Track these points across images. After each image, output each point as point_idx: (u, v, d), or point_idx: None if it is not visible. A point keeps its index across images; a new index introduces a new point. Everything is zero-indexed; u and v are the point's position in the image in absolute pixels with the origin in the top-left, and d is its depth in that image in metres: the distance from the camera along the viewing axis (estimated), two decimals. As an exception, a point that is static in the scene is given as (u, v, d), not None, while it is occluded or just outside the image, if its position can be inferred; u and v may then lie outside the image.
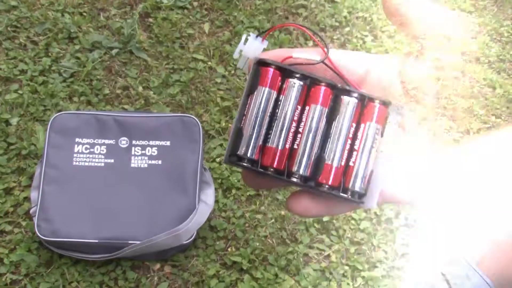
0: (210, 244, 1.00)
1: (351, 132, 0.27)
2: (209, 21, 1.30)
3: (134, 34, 1.23)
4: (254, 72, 0.27)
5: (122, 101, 1.15)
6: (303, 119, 0.27)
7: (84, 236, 0.92)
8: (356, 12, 1.36)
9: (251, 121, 0.27)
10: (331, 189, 0.27)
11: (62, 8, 1.26)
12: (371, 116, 0.27)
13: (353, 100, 0.27)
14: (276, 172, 0.27)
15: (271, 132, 0.27)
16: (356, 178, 0.27)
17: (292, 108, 0.27)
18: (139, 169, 0.97)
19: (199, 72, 1.20)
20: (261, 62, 0.27)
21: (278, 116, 0.27)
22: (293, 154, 0.27)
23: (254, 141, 0.27)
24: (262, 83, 0.27)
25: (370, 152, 0.27)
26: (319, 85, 0.27)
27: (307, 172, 0.27)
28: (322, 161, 0.27)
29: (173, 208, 0.94)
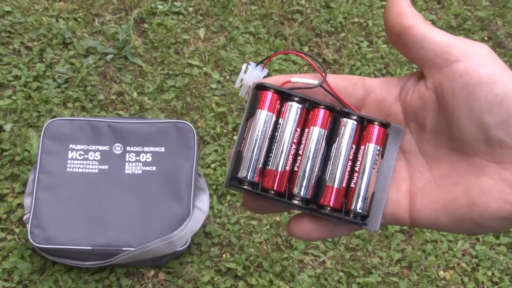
0: (204, 250, 1.00)
1: (351, 153, 0.28)
2: (204, 27, 1.30)
3: (129, 39, 1.23)
4: (253, 96, 0.27)
5: (116, 107, 1.15)
6: (303, 141, 0.27)
7: (77, 243, 0.92)
8: (351, 17, 1.37)
9: (251, 144, 0.27)
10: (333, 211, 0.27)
11: (56, 14, 1.27)
12: (370, 137, 0.28)
13: (352, 122, 0.28)
14: (277, 195, 0.27)
15: (271, 155, 0.27)
16: (358, 200, 0.27)
17: (292, 130, 0.27)
18: (133, 175, 0.98)
19: (194, 77, 1.20)
20: (259, 86, 0.27)
21: (278, 138, 0.27)
22: (294, 176, 0.27)
23: (254, 164, 0.27)
24: (261, 106, 0.27)
25: (370, 173, 0.27)
26: (318, 108, 0.28)
27: (308, 194, 0.27)
28: (323, 183, 0.27)
29: (168, 215, 0.95)
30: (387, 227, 1.06)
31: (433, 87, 0.26)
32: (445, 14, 1.42)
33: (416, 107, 0.27)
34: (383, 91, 0.28)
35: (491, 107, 0.24)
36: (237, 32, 1.29)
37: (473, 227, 0.25)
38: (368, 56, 1.29)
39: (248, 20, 1.32)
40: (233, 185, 0.27)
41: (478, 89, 0.24)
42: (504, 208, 0.24)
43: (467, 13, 1.44)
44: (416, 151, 0.28)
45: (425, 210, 0.26)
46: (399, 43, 0.26)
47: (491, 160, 0.25)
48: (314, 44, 1.31)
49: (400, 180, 0.28)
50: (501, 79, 0.24)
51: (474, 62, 0.24)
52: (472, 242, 1.08)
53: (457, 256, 1.06)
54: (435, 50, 0.25)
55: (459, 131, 0.25)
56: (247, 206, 0.28)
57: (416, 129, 0.27)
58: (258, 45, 1.27)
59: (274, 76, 0.28)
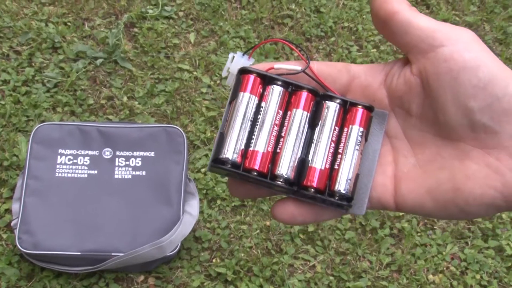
0: (194, 255, 1.00)
1: (334, 135, 0.28)
2: (195, 31, 1.31)
3: (119, 44, 1.24)
4: (236, 81, 0.28)
5: (106, 111, 1.15)
6: (285, 123, 0.28)
7: (66, 248, 0.92)
8: (341, 22, 1.39)
9: (233, 126, 0.27)
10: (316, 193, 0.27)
11: (46, 18, 1.27)
12: (354, 120, 0.28)
13: (335, 104, 0.28)
14: (260, 176, 0.27)
15: (253, 136, 0.27)
16: (341, 181, 0.27)
17: (274, 112, 0.28)
18: (123, 180, 0.98)
19: (185, 82, 1.21)
20: (242, 70, 0.28)
21: (260, 120, 0.28)
22: (276, 158, 0.27)
23: (236, 145, 0.27)
24: (243, 89, 0.28)
25: (354, 155, 0.27)
26: (300, 91, 0.28)
27: (291, 175, 0.27)
28: (306, 164, 0.27)
29: (157, 219, 0.95)
30: (377, 231, 1.07)
31: (418, 72, 0.26)
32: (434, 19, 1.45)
33: (401, 92, 0.27)
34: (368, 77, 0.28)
35: (475, 92, 0.24)
36: (227, 37, 1.30)
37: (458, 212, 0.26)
38: (358, 61, 1.31)
39: (238, 24, 1.33)
40: (216, 166, 0.27)
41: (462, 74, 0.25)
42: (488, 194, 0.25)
43: (455, 18, 1.46)
44: (401, 136, 0.28)
45: (410, 194, 0.26)
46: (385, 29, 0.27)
47: (476, 145, 0.25)
48: (305, 48, 1.33)
49: (386, 164, 0.28)
50: (485, 64, 0.24)
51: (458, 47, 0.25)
52: (461, 245, 1.10)
53: (446, 260, 1.08)
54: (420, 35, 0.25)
55: (444, 116, 0.26)
56: (231, 190, 0.29)
57: (402, 114, 0.28)
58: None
59: (259, 64, 0.29)
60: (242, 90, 0.28)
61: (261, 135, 0.27)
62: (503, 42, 1.43)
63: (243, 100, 0.28)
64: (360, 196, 0.27)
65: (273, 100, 0.28)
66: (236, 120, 0.27)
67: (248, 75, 0.28)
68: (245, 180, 0.27)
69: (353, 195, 0.27)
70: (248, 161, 0.27)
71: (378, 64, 0.29)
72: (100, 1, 1.32)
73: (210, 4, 1.35)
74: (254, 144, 0.27)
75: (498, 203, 0.25)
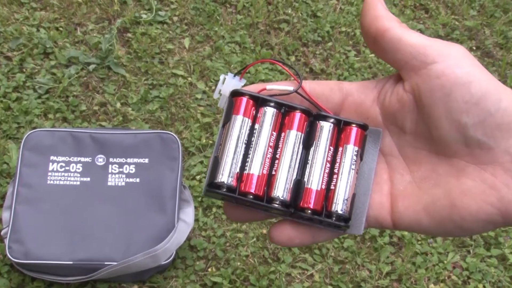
0: (189, 264, 1.02)
1: (329, 155, 0.29)
2: (189, 36, 1.34)
3: (112, 49, 1.27)
4: (228, 103, 0.29)
5: (99, 118, 1.18)
6: (279, 145, 0.29)
7: (58, 257, 0.93)
8: (338, 27, 1.42)
9: (227, 149, 0.28)
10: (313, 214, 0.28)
11: (37, 23, 1.30)
12: (348, 139, 0.29)
13: (328, 124, 0.29)
14: (256, 199, 0.28)
15: (248, 159, 0.28)
16: (338, 201, 0.28)
17: (268, 134, 0.28)
18: (116, 187, 1.00)
19: (179, 88, 1.24)
20: (234, 92, 0.29)
21: (254, 143, 0.28)
22: (272, 180, 0.28)
23: (231, 169, 0.28)
24: (236, 111, 0.28)
25: (350, 174, 0.28)
26: (293, 112, 0.29)
27: (287, 197, 0.28)
28: (302, 186, 0.28)
29: (151, 228, 0.97)
30: (376, 240, 1.09)
31: (411, 89, 0.27)
32: (433, 24, 1.48)
33: (395, 109, 0.28)
34: (361, 94, 0.29)
35: (468, 108, 0.25)
36: (222, 42, 1.33)
37: (454, 229, 0.26)
38: (356, 66, 1.34)
39: (234, 29, 1.36)
40: (211, 191, 0.28)
41: (454, 89, 0.25)
42: (485, 209, 0.25)
43: (455, 23, 1.50)
44: (396, 153, 0.29)
45: (407, 212, 0.27)
46: (376, 46, 0.28)
47: (471, 161, 0.26)
48: (301, 54, 1.36)
49: (382, 183, 0.29)
50: (477, 79, 0.25)
51: (450, 63, 0.26)
52: (462, 254, 1.12)
53: (448, 269, 1.10)
54: (411, 52, 0.26)
55: (437, 132, 0.26)
56: (227, 214, 0.29)
57: (396, 131, 0.29)
58: (244, 55, 1.31)
59: (251, 85, 0.30)
60: (235, 113, 0.28)
61: (256, 157, 0.28)
62: (504, 47, 1.47)
63: (236, 123, 0.28)
64: (357, 216, 0.28)
65: (266, 122, 0.29)
66: (230, 144, 0.28)
67: (241, 98, 0.29)
68: (241, 203, 0.28)
69: (350, 215, 0.28)
70: (243, 184, 0.28)
71: (370, 81, 0.29)
72: (93, 5, 1.35)
73: (205, 8, 1.38)
74: (249, 167, 0.28)
75: (495, 218, 0.25)
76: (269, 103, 0.29)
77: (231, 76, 0.30)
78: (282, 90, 0.29)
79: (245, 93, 0.29)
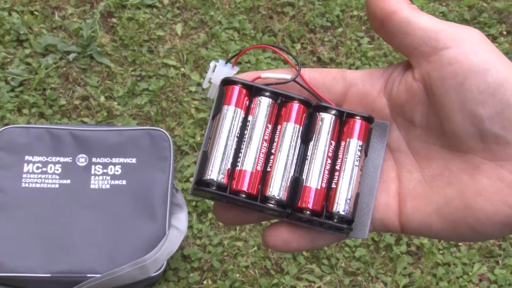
0: (182, 276, 1.04)
1: (331, 150, 0.29)
2: (182, 22, 1.36)
3: (95, 36, 1.28)
4: (219, 93, 0.29)
5: (81, 113, 1.19)
6: (275, 139, 0.29)
7: (34, 270, 0.94)
8: (350, 10, 1.43)
9: (217, 143, 0.28)
10: (312, 215, 0.28)
11: (9, 6, 1.31)
12: (351, 133, 0.29)
13: (330, 116, 0.29)
14: (249, 198, 0.28)
15: (240, 155, 0.28)
16: (340, 201, 0.28)
17: (262, 127, 0.29)
18: (100, 190, 1.01)
19: (171, 79, 1.25)
20: (225, 81, 0.29)
21: (247, 136, 0.29)
22: (267, 177, 0.28)
23: (221, 164, 0.28)
24: (227, 102, 0.29)
25: (353, 172, 0.29)
26: (291, 102, 0.29)
27: (284, 196, 0.28)
28: (300, 183, 0.28)
29: (139, 235, 0.98)
30: (392, 248, 1.11)
31: (421, 77, 0.27)
32: (458, 6, 1.49)
33: (403, 100, 0.28)
34: (366, 84, 0.29)
35: (484, 98, 0.26)
36: (219, 28, 1.34)
37: (468, 233, 0.27)
38: (369, 54, 1.36)
39: (232, 14, 1.38)
40: (199, 189, 0.28)
41: (469, 78, 0.26)
42: (502, 211, 0.26)
43: (482, 4, 1.51)
44: (405, 148, 0.29)
45: (416, 214, 0.28)
46: (383, 30, 0.28)
47: (487, 157, 0.26)
48: (308, 41, 1.37)
49: (389, 181, 0.29)
50: (494, 66, 0.26)
51: (464, 48, 0.26)
52: (490, 265, 1.13)
53: (473, 282, 1.11)
54: (421, 36, 0.27)
55: (450, 125, 0.27)
56: (217, 216, 0.30)
57: (404, 124, 0.29)
58: (243, 42, 1.33)
59: (244, 73, 0.30)
60: (226, 103, 0.29)
61: (249, 152, 0.28)
62: (536, 33, 1.48)
63: (227, 114, 0.29)
64: (362, 218, 0.29)
65: (261, 113, 0.29)
66: (221, 137, 0.28)
67: (232, 86, 0.29)
68: (232, 203, 0.29)
69: (353, 216, 0.28)
70: (235, 182, 0.28)
71: (376, 69, 0.30)
72: (73, -13, 1.36)
73: (199, -10, 1.40)
74: (241, 163, 0.28)
75: None
76: (264, 93, 0.29)
77: (222, 63, 0.31)
78: (278, 78, 0.29)
79: (238, 81, 0.29)
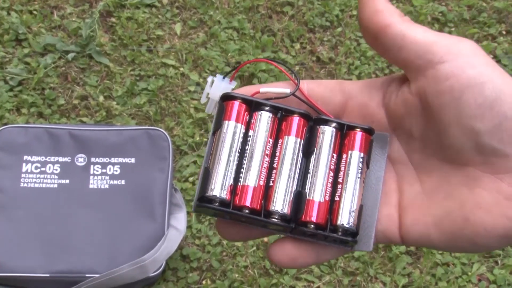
0: (181, 276, 1.04)
1: (333, 163, 0.29)
2: (181, 21, 1.36)
3: (93, 36, 1.29)
4: (219, 108, 0.30)
5: (79, 113, 1.20)
6: (277, 153, 0.29)
7: (33, 270, 0.95)
8: (349, 10, 1.44)
9: (218, 159, 0.28)
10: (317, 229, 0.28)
11: (8, 6, 1.32)
12: (353, 145, 0.29)
13: (330, 129, 0.30)
14: (252, 213, 0.28)
15: (242, 170, 0.29)
16: (344, 214, 0.28)
17: (263, 141, 0.29)
18: (98, 190, 1.01)
19: (170, 79, 1.26)
20: (225, 96, 0.30)
21: (248, 151, 0.29)
22: (269, 192, 0.29)
23: (223, 180, 0.28)
24: (227, 117, 0.29)
25: (356, 184, 0.29)
26: (291, 116, 0.30)
27: (287, 210, 0.28)
28: (303, 197, 0.29)
29: (138, 235, 0.98)
30: (391, 248, 1.11)
31: (417, 91, 0.28)
32: (457, 5, 1.50)
33: (401, 113, 0.29)
34: (365, 95, 0.30)
35: (481, 112, 0.26)
36: (218, 27, 1.35)
37: (467, 245, 0.27)
38: (369, 54, 1.36)
39: (231, 13, 1.38)
40: (202, 206, 0.28)
41: (466, 92, 0.26)
42: (501, 224, 0.26)
43: (482, 4, 1.51)
44: (405, 160, 0.30)
45: (416, 226, 0.28)
46: (377, 44, 0.28)
47: (486, 170, 0.27)
48: (307, 41, 1.38)
49: (390, 193, 0.30)
50: (490, 79, 0.26)
51: (460, 62, 0.26)
52: (489, 265, 1.14)
53: (472, 282, 1.11)
54: (416, 50, 0.27)
55: (448, 139, 0.27)
56: (221, 233, 0.30)
57: (404, 136, 0.29)
58: (242, 42, 1.33)
59: (242, 88, 0.30)
60: (226, 119, 0.29)
61: (251, 167, 0.29)
62: (536, 32, 1.48)
63: (228, 130, 0.29)
64: (366, 230, 0.29)
65: (261, 128, 0.29)
66: (222, 153, 0.28)
67: (232, 102, 0.29)
68: (236, 219, 0.29)
69: (358, 229, 0.29)
70: (238, 197, 0.28)
71: (375, 80, 0.30)
72: (72, -13, 1.37)
73: (199, -10, 1.40)
74: (243, 179, 0.28)
75: None
76: (264, 107, 0.30)
77: (219, 78, 0.31)
78: (278, 93, 0.30)
79: (237, 96, 0.29)
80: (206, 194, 0.28)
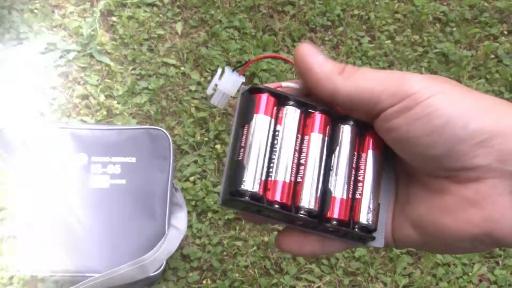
0: (182, 276, 1.04)
1: (354, 161, 0.30)
2: (182, 20, 1.36)
3: (94, 35, 1.29)
4: (246, 100, 0.30)
5: (80, 112, 1.20)
6: (304, 149, 0.30)
7: (33, 269, 0.95)
8: (350, 9, 1.44)
9: (252, 153, 0.29)
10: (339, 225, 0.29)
11: (9, 5, 1.32)
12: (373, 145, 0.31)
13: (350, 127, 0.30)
14: (282, 208, 0.29)
15: (272, 165, 0.29)
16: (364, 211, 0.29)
17: (293, 137, 0.29)
18: (99, 190, 1.02)
19: (171, 78, 1.26)
20: (254, 88, 0.30)
21: (278, 146, 0.29)
22: (298, 188, 0.29)
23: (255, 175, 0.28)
24: (259, 110, 0.29)
25: (375, 182, 0.30)
26: (315, 113, 0.30)
27: (315, 206, 0.29)
28: (328, 194, 0.29)
29: (139, 235, 0.99)
30: (392, 248, 1.11)
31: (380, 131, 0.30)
32: (459, 5, 1.50)
33: None
34: None
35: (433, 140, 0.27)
36: (219, 27, 1.35)
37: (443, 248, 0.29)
38: (370, 53, 1.36)
39: (232, 12, 1.38)
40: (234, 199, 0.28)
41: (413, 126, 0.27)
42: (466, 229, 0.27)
43: (483, 4, 1.51)
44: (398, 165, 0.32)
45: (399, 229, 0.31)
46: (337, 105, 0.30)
47: (453, 180, 0.28)
48: (308, 40, 1.38)
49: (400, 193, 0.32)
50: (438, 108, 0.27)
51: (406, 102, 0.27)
52: (490, 266, 1.14)
53: (473, 282, 1.11)
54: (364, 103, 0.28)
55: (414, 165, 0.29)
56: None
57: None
58: (244, 42, 1.33)
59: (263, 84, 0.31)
60: (257, 112, 0.29)
61: (282, 163, 0.29)
62: (538, 32, 1.48)
63: (260, 124, 0.29)
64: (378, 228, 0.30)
65: (291, 123, 0.30)
66: (254, 146, 0.29)
67: (261, 95, 0.29)
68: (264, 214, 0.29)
69: (376, 226, 0.30)
70: (270, 193, 0.29)
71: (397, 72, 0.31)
72: (73, -14, 1.37)
73: (200, -11, 1.41)
74: (274, 173, 0.29)
75: (482, 238, 0.27)
76: (290, 102, 0.30)
77: (229, 71, 0.31)
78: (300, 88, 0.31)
79: (265, 89, 0.30)
80: (239, 188, 0.28)
